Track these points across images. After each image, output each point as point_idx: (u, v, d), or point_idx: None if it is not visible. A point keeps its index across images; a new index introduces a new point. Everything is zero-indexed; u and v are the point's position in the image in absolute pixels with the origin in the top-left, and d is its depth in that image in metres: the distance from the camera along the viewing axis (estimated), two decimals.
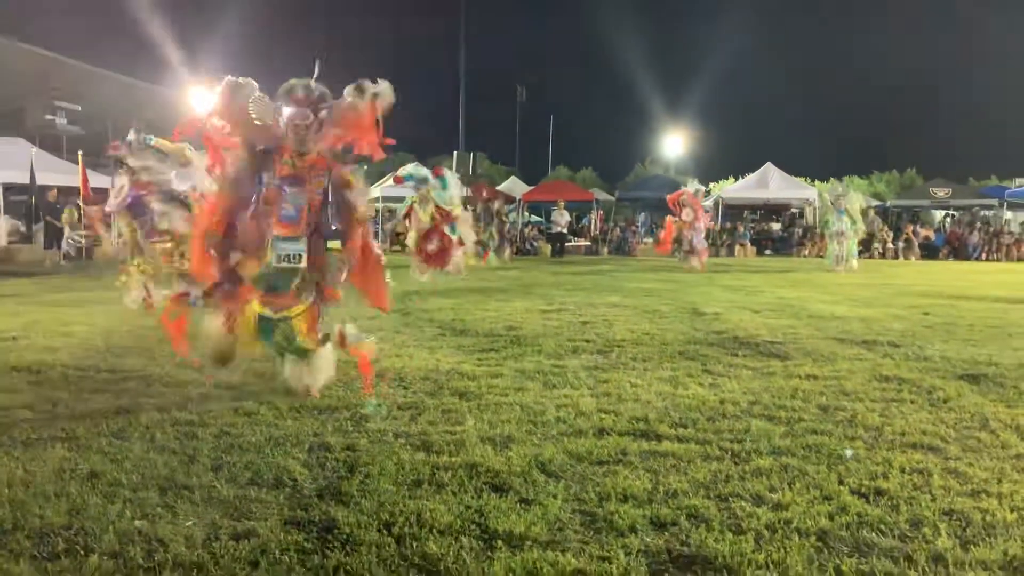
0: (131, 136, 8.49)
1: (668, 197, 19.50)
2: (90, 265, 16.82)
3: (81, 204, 15.76)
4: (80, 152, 15.92)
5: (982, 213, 31.42)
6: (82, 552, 2.54)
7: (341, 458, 3.48)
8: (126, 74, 26.86)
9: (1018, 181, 34.66)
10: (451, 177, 12.88)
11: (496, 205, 20.61)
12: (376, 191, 17.98)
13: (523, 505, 2.96)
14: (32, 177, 19.28)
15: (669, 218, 19.30)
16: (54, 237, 19.14)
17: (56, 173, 20.74)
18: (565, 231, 26.90)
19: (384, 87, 4.63)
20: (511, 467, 3.36)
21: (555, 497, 3.03)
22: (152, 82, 28.00)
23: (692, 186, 20.04)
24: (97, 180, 17.29)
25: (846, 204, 17.71)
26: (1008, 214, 30.57)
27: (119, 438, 3.76)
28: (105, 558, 2.49)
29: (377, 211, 14.95)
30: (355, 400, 4.51)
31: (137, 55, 28.39)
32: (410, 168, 15.13)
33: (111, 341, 6.49)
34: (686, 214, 18.32)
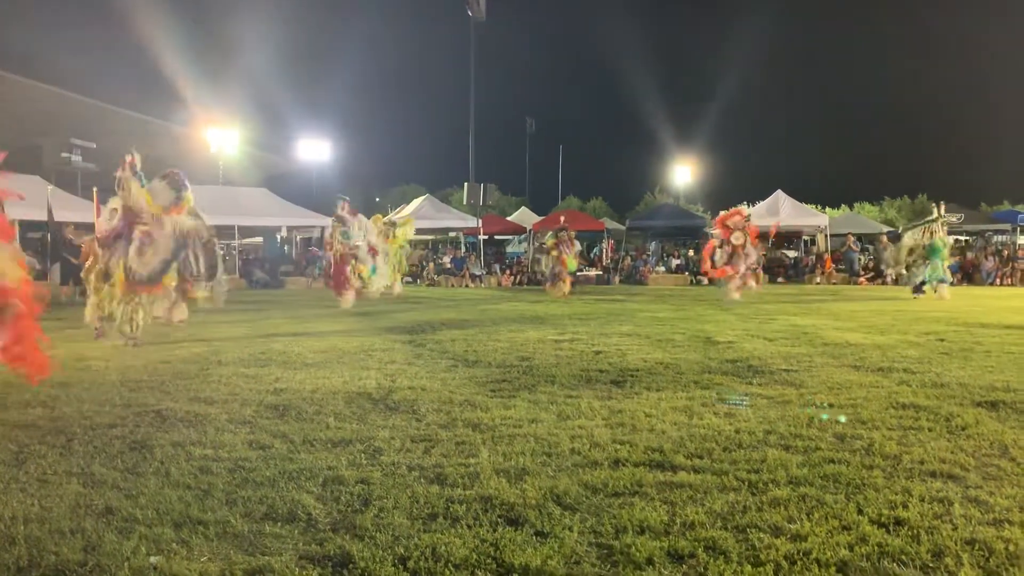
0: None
1: (719, 217, 18.13)
2: None
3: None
4: (95, 189, 16.09)
5: (995, 238, 31.29)
6: None
7: (355, 491, 3.46)
8: (139, 111, 27.21)
9: None
10: (355, 223, 15.65)
11: (569, 235, 20.36)
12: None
13: (539, 538, 2.94)
14: (50, 214, 19.50)
15: (712, 240, 18.01)
16: (71, 273, 19.30)
17: (72, 211, 20.98)
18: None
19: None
20: (526, 499, 3.34)
21: (571, 530, 3.00)
22: (165, 119, 28.40)
23: (747, 209, 19.18)
24: None
25: (940, 232, 17.13)
26: (1022, 239, 30.42)
27: (134, 473, 3.76)
28: None
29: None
30: (368, 433, 4.51)
31: (150, 92, 28.77)
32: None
33: (126, 376, 6.52)
34: (736, 237, 16.71)
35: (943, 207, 17.76)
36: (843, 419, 4.75)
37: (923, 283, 17.12)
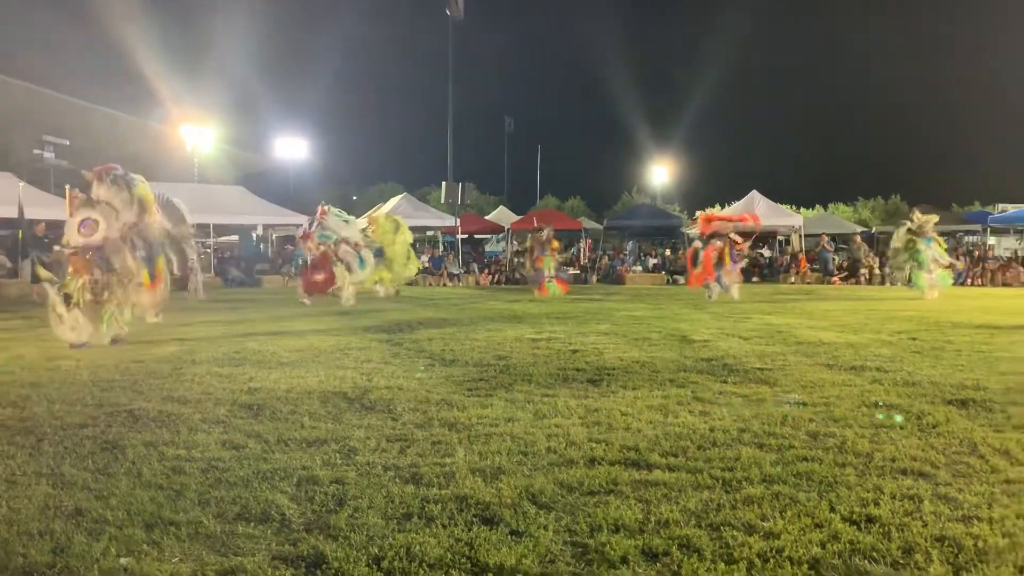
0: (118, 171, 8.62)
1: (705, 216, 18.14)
2: None
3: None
4: (67, 186, 15.89)
5: (966, 239, 31.71)
6: None
7: (330, 491, 3.44)
8: (114, 108, 26.92)
9: (1000, 206, 35.08)
10: (334, 221, 15.70)
11: (545, 235, 20.34)
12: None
13: (514, 537, 2.93)
14: (20, 212, 19.23)
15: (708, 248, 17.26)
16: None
17: (43, 207, 20.70)
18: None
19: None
20: (501, 499, 3.34)
21: (546, 528, 3.00)
22: (140, 116, 28.11)
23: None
24: None
25: (929, 230, 17.25)
26: (992, 239, 30.87)
27: (105, 474, 3.72)
28: None
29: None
30: (344, 433, 4.48)
31: (125, 88, 28.46)
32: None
33: (98, 375, 6.44)
34: (718, 242, 16.61)
35: (917, 214, 17.92)
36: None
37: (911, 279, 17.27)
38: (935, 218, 17.86)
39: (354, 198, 60.29)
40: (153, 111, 29.31)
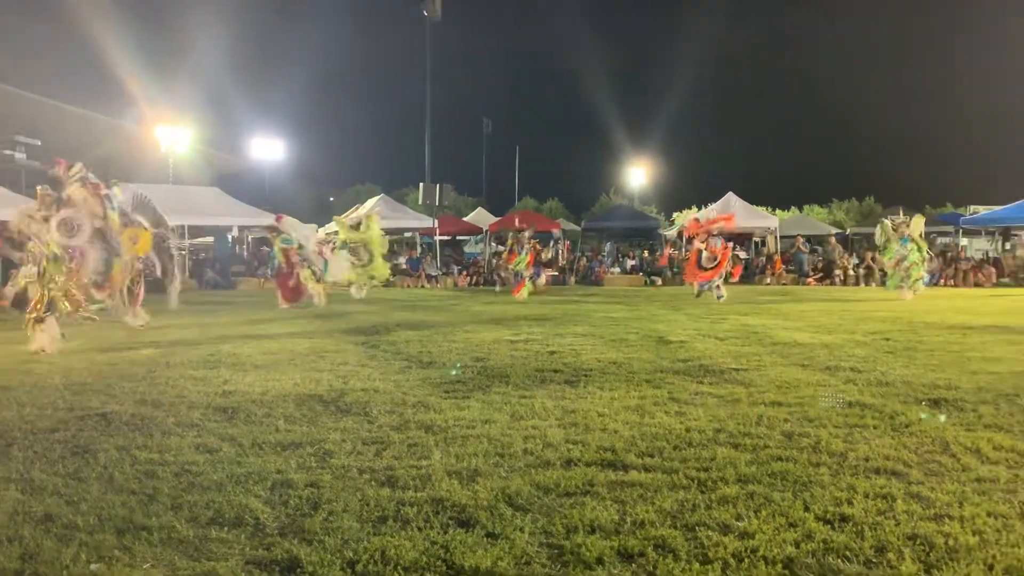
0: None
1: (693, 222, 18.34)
2: None
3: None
4: (39, 188, 15.68)
5: (938, 240, 32.11)
6: None
7: (304, 495, 3.42)
8: (87, 108, 26.58)
9: (972, 208, 35.55)
10: (294, 229, 15.84)
11: (527, 234, 20.38)
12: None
13: (489, 539, 2.93)
14: None
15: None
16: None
17: (14, 209, 20.37)
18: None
19: None
20: (478, 501, 3.33)
21: (522, 530, 3.00)
22: (113, 116, 27.79)
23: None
24: None
25: (909, 231, 17.47)
26: (964, 240, 31.27)
27: (76, 479, 3.67)
28: None
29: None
30: (319, 436, 4.45)
31: (98, 88, 28.12)
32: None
33: (70, 379, 6.35)
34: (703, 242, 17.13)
35: (893, 220, 18.11)
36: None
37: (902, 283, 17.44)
38: (921, 220, 18.01)
39: (331, 199, 59.99)
40: (127, 111, 28.98)
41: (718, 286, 16.88)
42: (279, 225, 16.10)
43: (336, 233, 18.52)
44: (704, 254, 16.99)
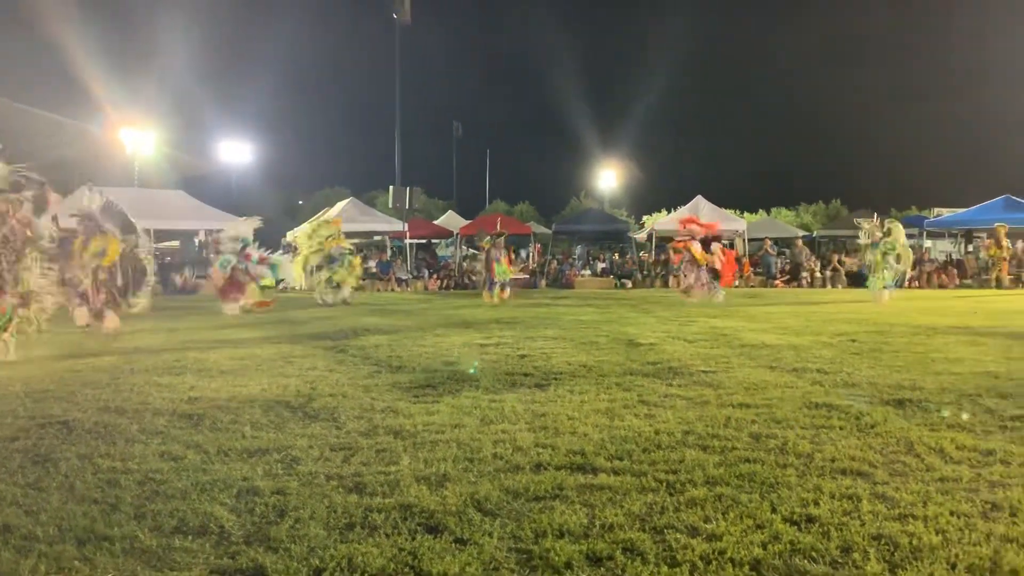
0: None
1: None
2: None
3: None
4: None
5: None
6: None
7: (271, 502, 3.37)
8: (50, 110, 26.14)
9: (936, 210, 36.17)
10: (228, 245, 15.50)
11: (501, 240, 20.28)
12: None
13: (458, 545, 2.91)
14: None
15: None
16: None
17: None
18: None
19: None
20: (446, 506, 3.31)
21: (491, 536, 2.99)
22: (77, 118, 27.35)
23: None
24: None
25: (891, 239, 17.59)
26: (928, 243, 31.80)
27: (35, 488, 3.59)
28: None
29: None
30: (286, 442, 4.41)
31: (62, 90, 27.66)
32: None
33: (31, 386, 6.23)
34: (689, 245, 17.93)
35: (868, 224, 18.29)
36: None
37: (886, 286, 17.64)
38: (899, 229, 18.15)
39: (300, 202, 59.57)
40: (91, 114, 28.55)
41: (716, 287, 17.54)
42: (216, 248, 15.82)
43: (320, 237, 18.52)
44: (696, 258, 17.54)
